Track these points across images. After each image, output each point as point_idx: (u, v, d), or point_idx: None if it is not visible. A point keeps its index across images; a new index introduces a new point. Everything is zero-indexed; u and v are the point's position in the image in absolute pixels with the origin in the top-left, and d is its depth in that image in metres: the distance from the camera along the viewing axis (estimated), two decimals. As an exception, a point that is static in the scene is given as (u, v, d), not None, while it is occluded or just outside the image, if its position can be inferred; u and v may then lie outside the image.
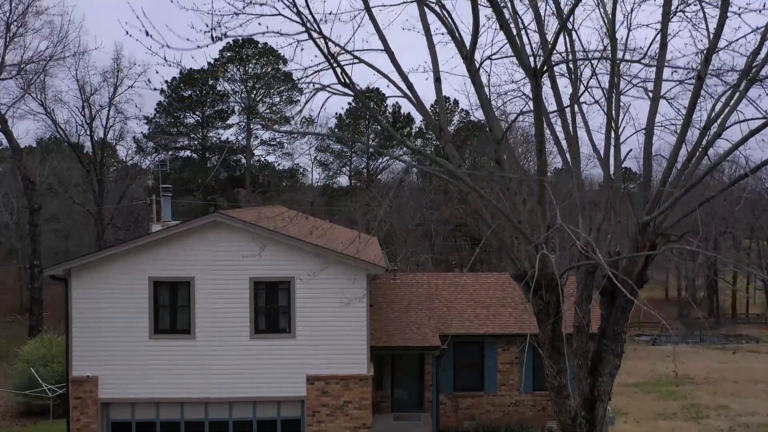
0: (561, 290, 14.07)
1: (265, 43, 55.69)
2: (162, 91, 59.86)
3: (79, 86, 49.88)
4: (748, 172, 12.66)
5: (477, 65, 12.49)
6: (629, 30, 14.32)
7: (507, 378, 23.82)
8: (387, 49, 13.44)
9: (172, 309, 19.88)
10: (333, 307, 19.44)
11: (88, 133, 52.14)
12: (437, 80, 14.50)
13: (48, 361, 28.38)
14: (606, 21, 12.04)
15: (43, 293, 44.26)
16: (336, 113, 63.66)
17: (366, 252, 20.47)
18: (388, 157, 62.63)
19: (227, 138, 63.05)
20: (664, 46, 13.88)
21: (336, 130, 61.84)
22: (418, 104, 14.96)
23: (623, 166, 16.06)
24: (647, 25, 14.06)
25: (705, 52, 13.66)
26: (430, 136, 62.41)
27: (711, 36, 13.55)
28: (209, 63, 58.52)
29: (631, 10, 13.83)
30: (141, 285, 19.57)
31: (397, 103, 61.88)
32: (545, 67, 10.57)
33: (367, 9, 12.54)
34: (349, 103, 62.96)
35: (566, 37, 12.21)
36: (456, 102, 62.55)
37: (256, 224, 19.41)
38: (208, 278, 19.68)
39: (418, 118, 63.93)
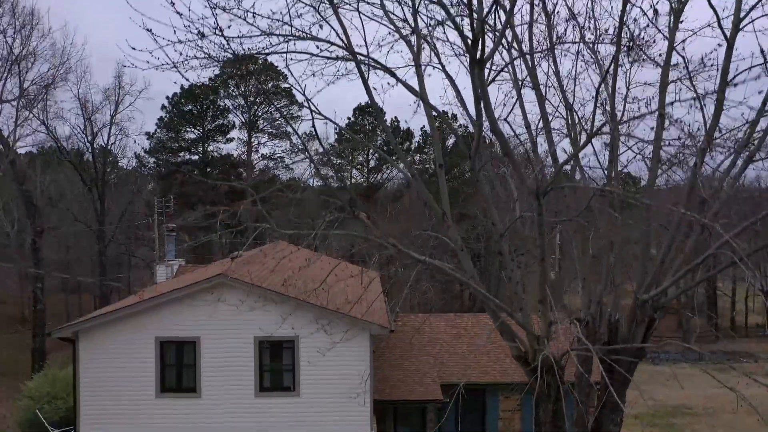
0: (561, 375, 14.36)
1: (265, 59, 55.67)
2: (163, 106, 60.14)
3: (81, 105, 50.21)
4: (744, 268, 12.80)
5: (478, 168, 12.74)
6: (628, 89, 14.49)
7: (508, 425, 24.10)
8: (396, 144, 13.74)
9: (178, 368, 20.19)
10: (337, 365, 19.73)
11: (90, 151, 52.46)
12: (440, 166, 14.81)
13: (53, 398, 28.66)
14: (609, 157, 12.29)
15: (46, 314, 44.50)
16: (335, 128, 63.73)
17: (370, 307, 20.67)
18: (388, 171, 62.87)
19: (228, 152, 63.30)
20: (661, 116, 14.11)
21: (336, 145, 62.05)
22: (424, 191, 15.25)
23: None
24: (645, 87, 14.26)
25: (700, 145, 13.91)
26: (428, 150, 62.60)
27: (708, 125, 13.82)
28: (210, 79, 58.67)
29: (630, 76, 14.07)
30: (147, 345, 19.88)
31: (396, 117, 62.11)
32: (549, 188, 10.83)
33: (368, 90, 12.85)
34: (349, 118, 63.14)
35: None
36: (454, 116, 62.56)
37: (260, 286, 19.66)
38: (214, 337, 19.97)
39: (417, 132, 64.07)
